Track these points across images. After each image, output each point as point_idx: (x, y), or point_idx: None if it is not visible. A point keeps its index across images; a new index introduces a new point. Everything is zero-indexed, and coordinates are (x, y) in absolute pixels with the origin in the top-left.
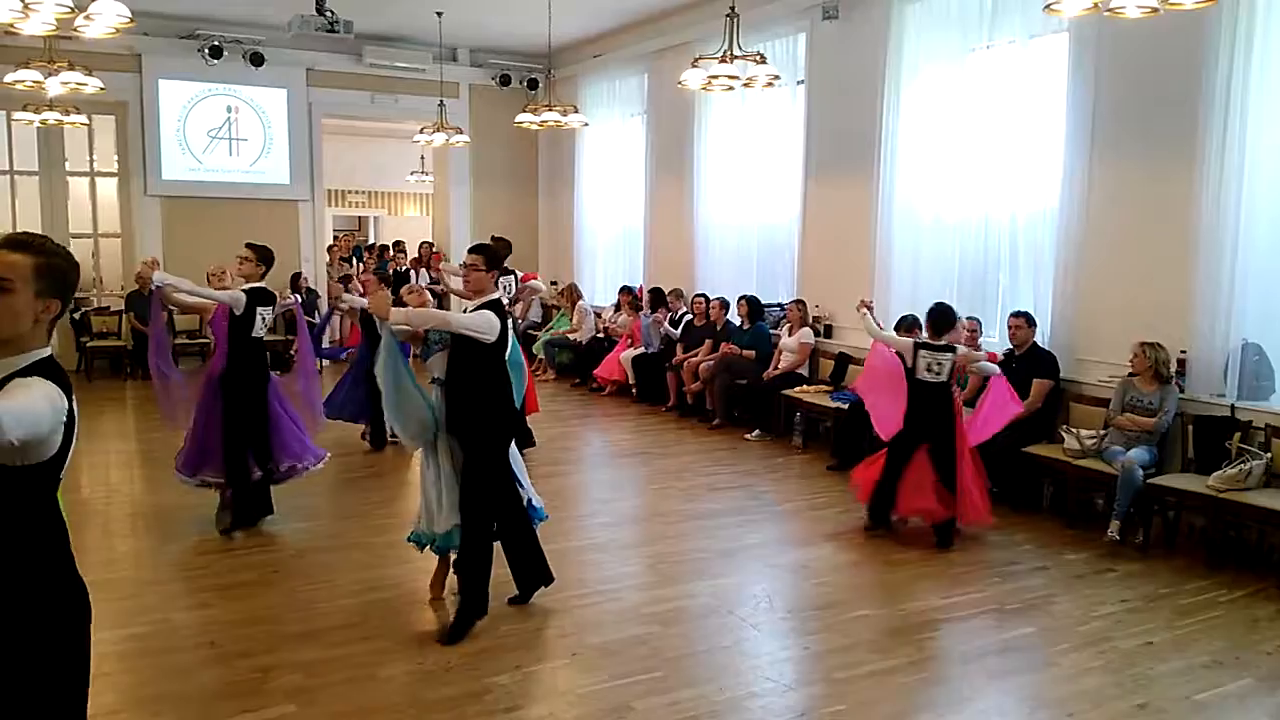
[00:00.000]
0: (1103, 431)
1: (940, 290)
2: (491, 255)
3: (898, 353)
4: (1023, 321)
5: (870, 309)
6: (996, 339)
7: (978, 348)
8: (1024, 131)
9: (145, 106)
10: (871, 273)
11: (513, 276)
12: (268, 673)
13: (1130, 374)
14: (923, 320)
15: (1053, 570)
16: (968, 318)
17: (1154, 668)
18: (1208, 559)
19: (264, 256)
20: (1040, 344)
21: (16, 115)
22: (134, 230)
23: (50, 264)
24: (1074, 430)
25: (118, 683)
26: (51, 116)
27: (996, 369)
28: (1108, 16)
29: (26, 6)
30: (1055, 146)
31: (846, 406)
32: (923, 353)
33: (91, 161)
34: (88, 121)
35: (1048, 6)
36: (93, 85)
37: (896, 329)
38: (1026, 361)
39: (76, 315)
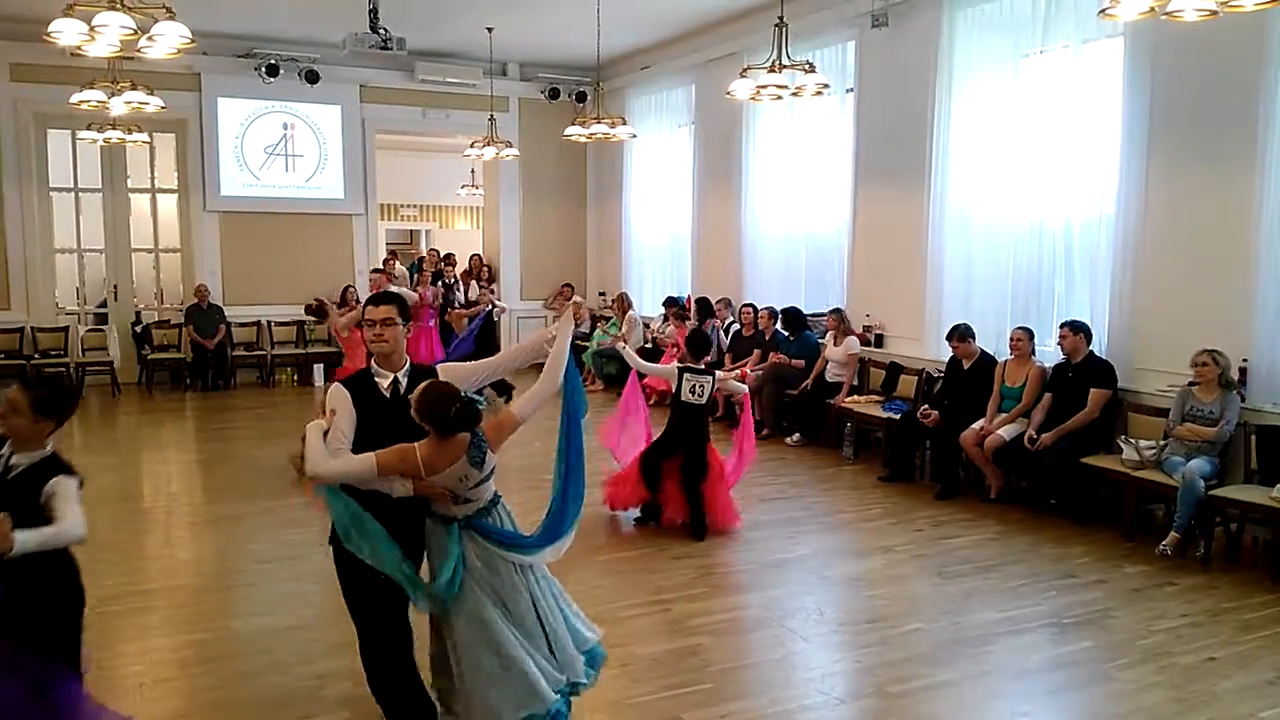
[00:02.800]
0: (1162, 442)
1: (994, 297)
2: (404, 307)
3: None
4: (1069, 331)
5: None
6: (1051, 348)
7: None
8: (1079, 137)
9: (204, 124)
10: (923, 280)
11: None
12: (323, 680)
13: (1190, 383)
14: (973, 331)
15: (1111, 583)
16: (1019, 327)
17: (1216, 684)
18: (1272, 573)
19: (45, 405)
20: (1097, 353)
21: (81, 134)
22: (193, 245)
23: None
24: (1132, 441)
25: (179, 688)
26: (115, 135)
27: (744, 387)
28: (1165, 20)
29: (93, 30)
30: (1111, 152)
31: (899, 417)
32: (687, 376)
33: (153, 178)
34: (149, 139)
35: (1103, 11)
36: (154, 104)
37: (949, 338)
38: (1082, 371)
39: (138, 328)
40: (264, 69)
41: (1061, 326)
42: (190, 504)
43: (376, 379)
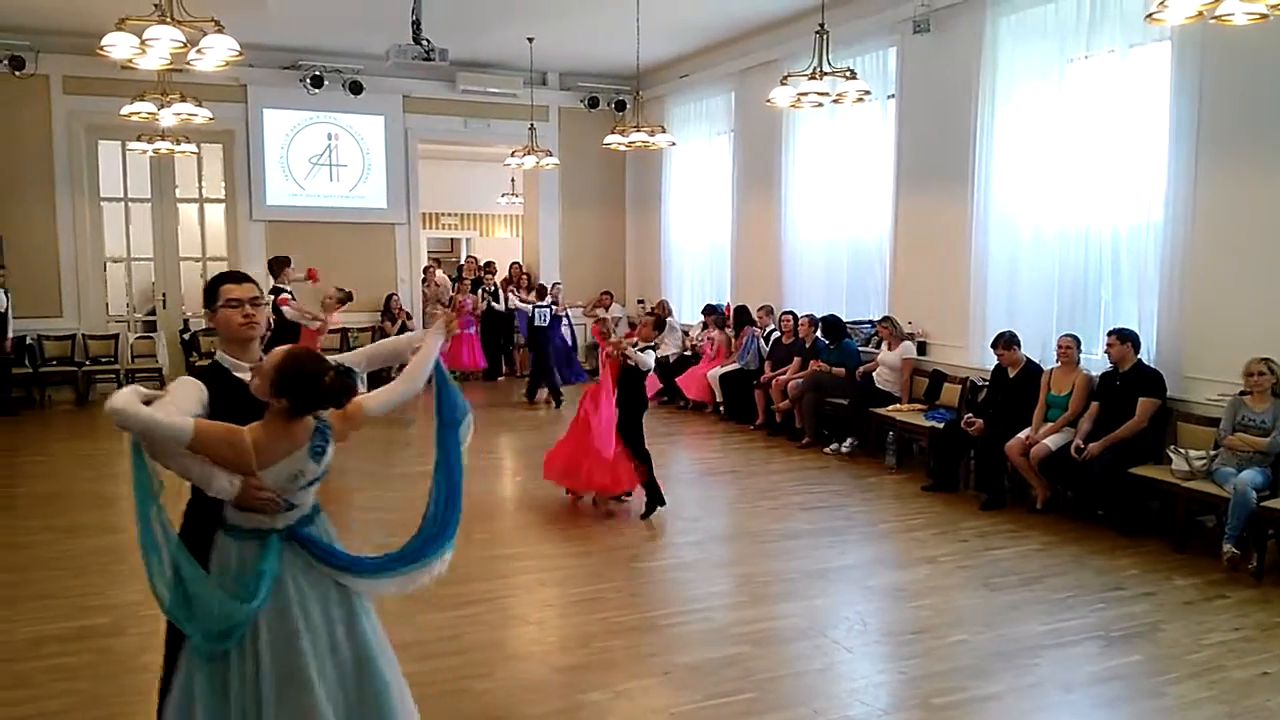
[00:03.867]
0: (1213, 452)
1: (1039, 305)
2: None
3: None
4: (1117, 339)
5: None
6: (1098, 356)
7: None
8: (1125, 142)
9: (251, 135)
10: (967, 288)
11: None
12: None
13: (1242, 392)
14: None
15: (1160, 596)
16: (1065, 335)
17: (1270, 699)
18: None
19: None
20: (1145, 361)
21: (131, 145)
22: (240, 254)
23: None
24: (1182, 451)
25: None
26: (164, 146)
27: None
28: (1213, 24)
29: (144, 43)
30: (1158, 157)
31: (942, 426)
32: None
33: (200, 188)
34: (197, 150)
35: (1149, 16)
36: (202, 116)
37: (994, 346)
38: (1130, 380)
39: (186, 336)
40: (309, 80)
41: (1109, 334)
42: None
43: (236, 373)
